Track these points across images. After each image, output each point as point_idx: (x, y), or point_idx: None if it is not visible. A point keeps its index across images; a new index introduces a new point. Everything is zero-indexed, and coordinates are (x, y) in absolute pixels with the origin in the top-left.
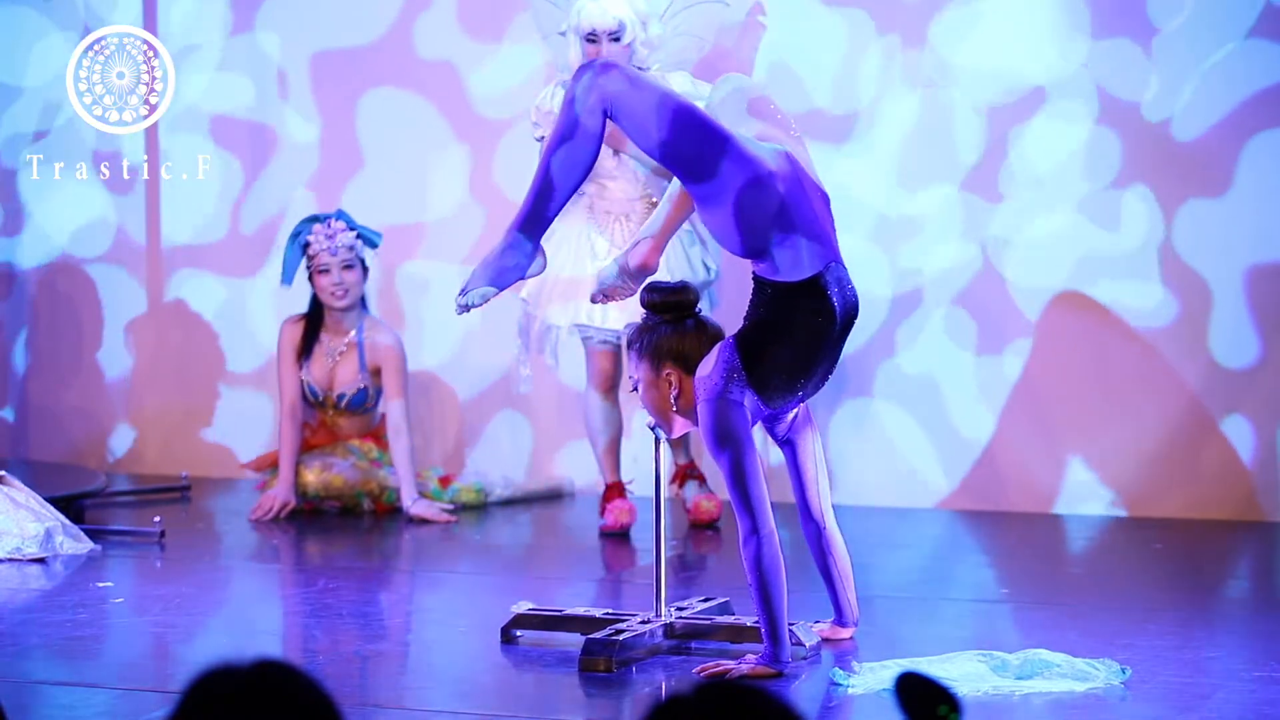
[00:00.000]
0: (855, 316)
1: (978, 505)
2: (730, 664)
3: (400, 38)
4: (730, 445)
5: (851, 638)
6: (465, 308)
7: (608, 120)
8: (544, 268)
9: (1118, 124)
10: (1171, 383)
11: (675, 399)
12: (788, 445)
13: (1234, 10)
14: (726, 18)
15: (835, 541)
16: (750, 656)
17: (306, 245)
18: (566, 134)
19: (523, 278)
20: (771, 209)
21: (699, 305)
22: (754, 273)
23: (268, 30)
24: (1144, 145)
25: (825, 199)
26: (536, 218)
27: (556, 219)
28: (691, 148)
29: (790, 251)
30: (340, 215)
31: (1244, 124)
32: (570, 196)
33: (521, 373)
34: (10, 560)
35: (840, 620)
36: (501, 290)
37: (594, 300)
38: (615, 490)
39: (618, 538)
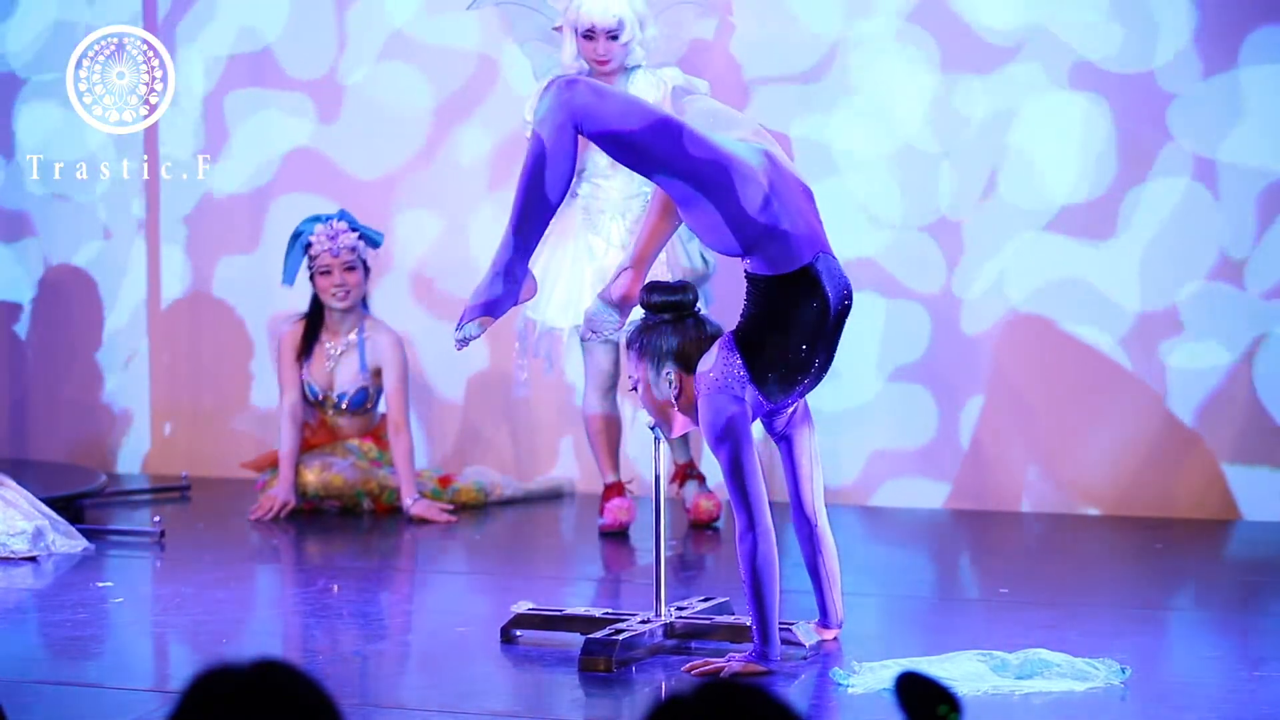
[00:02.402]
0: (849, 306)
1: (965, 505)
2: (720, 661)
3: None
4: (729, 440)
5: (835, 639)
6: (464, 341)
7: (579, 135)
8: (535, 291)
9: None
10: (1147, 381)
11: (675, 398)
12: (784, 441)
13: None
14: (699, 20)
15: (826, 540)
16: (738, 655)
17: (308, 246)
18: (540, 155)
19: (515, 304)
20: (757, 204)
21: (697, 304)
22: (745, 270)
23: None
24: None
25: (808, 193)
26: (521, 244)
27: (552, 220)
28: (668, 152)
29: (779, 245)
30: (343, 215)
31: None
32: (551, 218)
33: (520, 377)
34: (1, 559)
35: (825, 621)
36: (496, 319)
37: (583, 339)
38: (615, 489)
39: (617, 537)
